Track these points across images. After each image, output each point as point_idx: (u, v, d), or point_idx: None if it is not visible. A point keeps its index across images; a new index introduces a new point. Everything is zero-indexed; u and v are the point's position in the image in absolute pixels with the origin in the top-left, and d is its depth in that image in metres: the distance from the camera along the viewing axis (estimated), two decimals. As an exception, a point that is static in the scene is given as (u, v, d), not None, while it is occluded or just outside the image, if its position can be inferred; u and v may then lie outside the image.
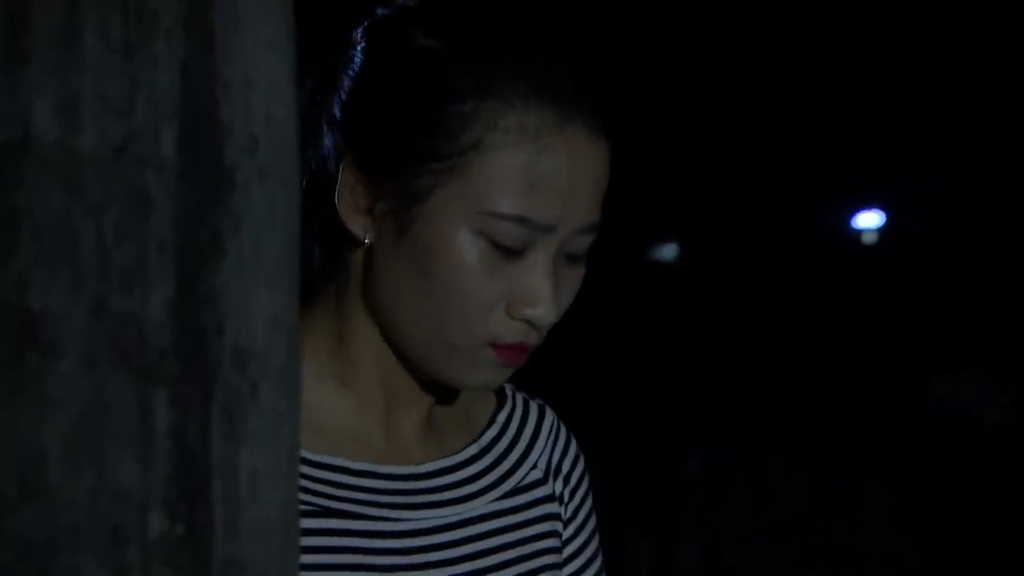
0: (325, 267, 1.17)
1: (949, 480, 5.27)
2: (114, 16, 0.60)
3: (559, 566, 1.24)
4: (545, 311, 1.09)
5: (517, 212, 1.07)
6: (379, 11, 1.15)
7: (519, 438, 1.26)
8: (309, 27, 1.11)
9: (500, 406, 1.27)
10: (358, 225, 1.11)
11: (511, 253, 1.08)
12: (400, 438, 1.18)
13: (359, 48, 1.13)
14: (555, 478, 1.26)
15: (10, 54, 0.58)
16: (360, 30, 1.14)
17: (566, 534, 1.26)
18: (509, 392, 1.29)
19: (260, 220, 0.66)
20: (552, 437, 1.27)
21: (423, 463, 1.18)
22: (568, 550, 1.26)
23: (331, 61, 1.14)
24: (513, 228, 1.07)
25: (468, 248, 1.07)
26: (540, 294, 1.09)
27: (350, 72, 1.13)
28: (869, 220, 10.94)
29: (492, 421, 1.25)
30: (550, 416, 1.29)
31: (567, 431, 1.30)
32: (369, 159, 1.10)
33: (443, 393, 1.20)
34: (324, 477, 1.12)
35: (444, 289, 1.08)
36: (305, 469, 1.11)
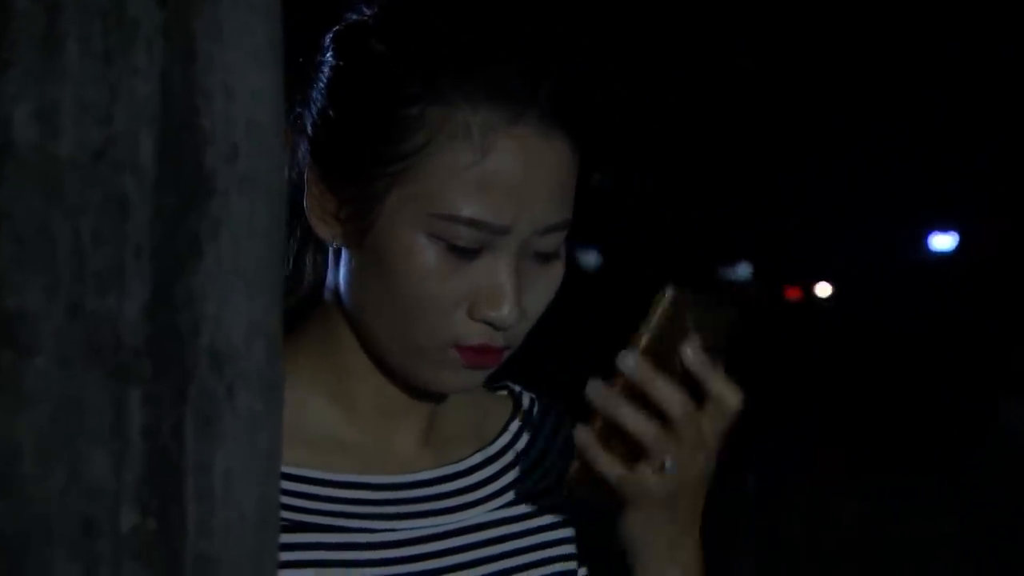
0: (316, 274, 1.18)
1: (1013, 507, 5.20)
2: (94, 24, 0.62)
3: (574, 574, 1.23)
4: (506, 312, 1.08)
5: (468, 214, 1.07)
6: (344, 18, 1.15)
7: (532, 446, 1.25)
8: (302, 39, 1.13)
9: (514, 415, 1.27)
10: (327, 231, 1.13)
11: (468, 254, 1.08)
12: (397, 447, 1.18)
13: (327, 55, 1.15)
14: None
15: (-9, 61, 0.60)
16: (328, 37, 1.15)
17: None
18: (526, 400, 1.29)
19: (240, 226, 0.67)
20: (569, 444, 1.27)
21: (420, 471, 1.18)
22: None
23: (303, 68, 1.15)
24: (466, 230, 1.07)
25: (424, 250, 1.08)
26: (499, 295, 1.08)
27: (319, 82, 1.14)
28: (943, 242, 10.82)
29: (504, 429, 1.25)
30: (568, 425, 1.27)
31: None
32: (331, 166, 1.12)
33: (449, 401, 1.21)
34: (298, 490, 1.12)
35: (404, 292, 1.08)
36: (284, 484, 1.08)
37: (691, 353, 1.08)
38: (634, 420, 1.07)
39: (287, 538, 1.09)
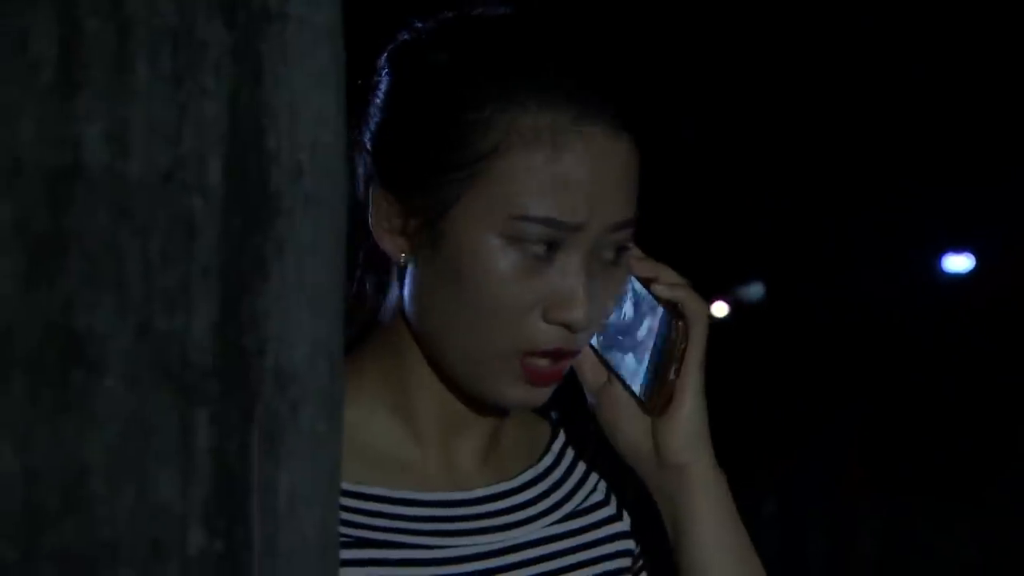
0: (378, 296, 1.19)
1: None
2: (164, 46, 0.63)
3: None
4: (581, 314, 1.10)
5: (543, 213, 1.08)
6: (399, 36, 1.17)
7: (576, 464, 1.26)
8: (363, 62, 1.14)
9: (555, 435, 1.28)
10: (394, 246, 1.13)
11: (542, 257, 1.09)
12: (458, 464, 1.19)
13: (383, 73, 1.16)
14: (620, 500, 1.27)
15: (63, 82, 0.61)
16: (383, 57, 1.17)
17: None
18: (562, 421, 1.29)
19: (304, 245, 0.67)
20: (607, 463, 1.29)
21: (477, 488, 1.19)
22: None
23: (360, 90, 1.16)
24: (541, 230, 1.08)
25: (499, 254, 1.09)
26: (574, 298, 1.10)
27: (376, 98, 1.15)
28: (959, 263, 10.81)
29: (548, 448, 1.26)
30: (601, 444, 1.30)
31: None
32: (397, 178, 1.12)
33: (503, 419, 1.21)
34: (360, 507, 1.13)
35: (478, 298, 1.09)
36: (345, 501, 1.11)
37: (660, 283, 1.18)
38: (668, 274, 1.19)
39: (349, 554, 1.10)
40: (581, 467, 1.26)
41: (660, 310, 1.18)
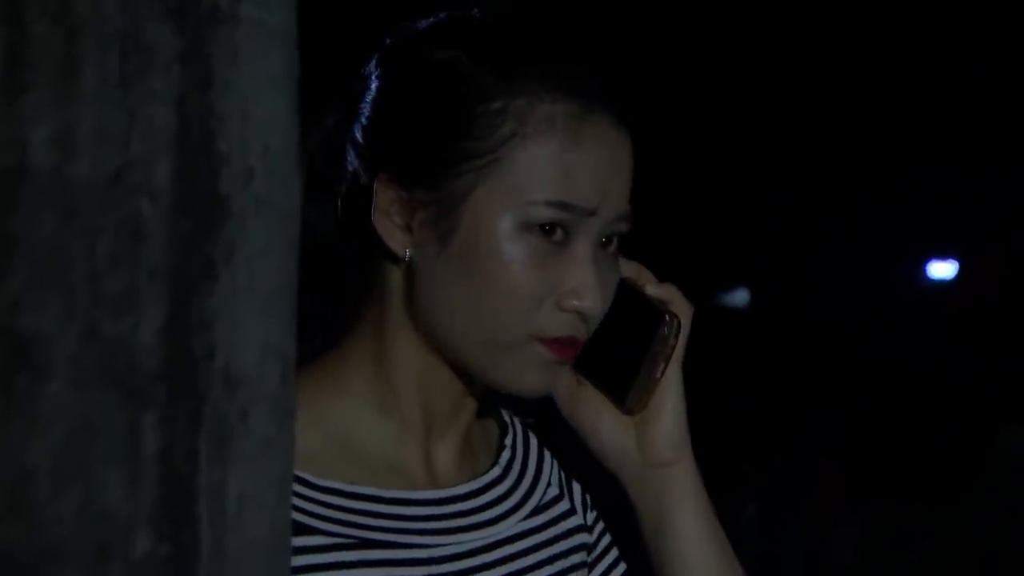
0: (361, 295, 1.19)
1: (1013, 536, 5.19)
2: (112, 49, 0.63)
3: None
4: (592, 302, 1.12)
5: (558, 198, 1.10)
6: (388, 40, 1.19)
7: (528, 458, 1.27)
8: (326, 64, 1.15)
9: (504, 431, 1.29)
10: (397, 242, 1.14)
11: (556, 244, 1.11)
12: (438, 462, 1.20)
13: (375, 74, 1.17)
14: (571, 496, 1.29)
15: (9, 84, 0.60)
16: (374, 58, 1.18)
17: (594, 553, 1.28)
18: (507, 417, 1.30)
19: (255, 249, 0.67)
20: (551, 456, 1.30)
21: (455, 486, 1.19)
22: (599, 568, 1.28)
23: (348, 91, 1.17)
24: (555, 214, 1.11)
25: (514, 241, 1.11)
26: (587, 285, 1.12)
27: (368, 97, 1.16)
28: (942, 269, 10.84)
29: (503, 444, 1.27)
30: (534, 439, 1.31)
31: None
32: (404, 173, 1.13)
33: (475, 415, 1.22)
34: (359, 508, 1.13)
35: (493, 285, 1.11)
36: (340, 501, 1.12)
37: (648, 283, 1.21)
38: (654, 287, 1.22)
39: (355, 555, 1.11)
40: (533, 461, 1.28)
41: (645, 308, 1.20)
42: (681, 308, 1.21)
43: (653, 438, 1.21)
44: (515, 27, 1.16)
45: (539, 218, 1.10)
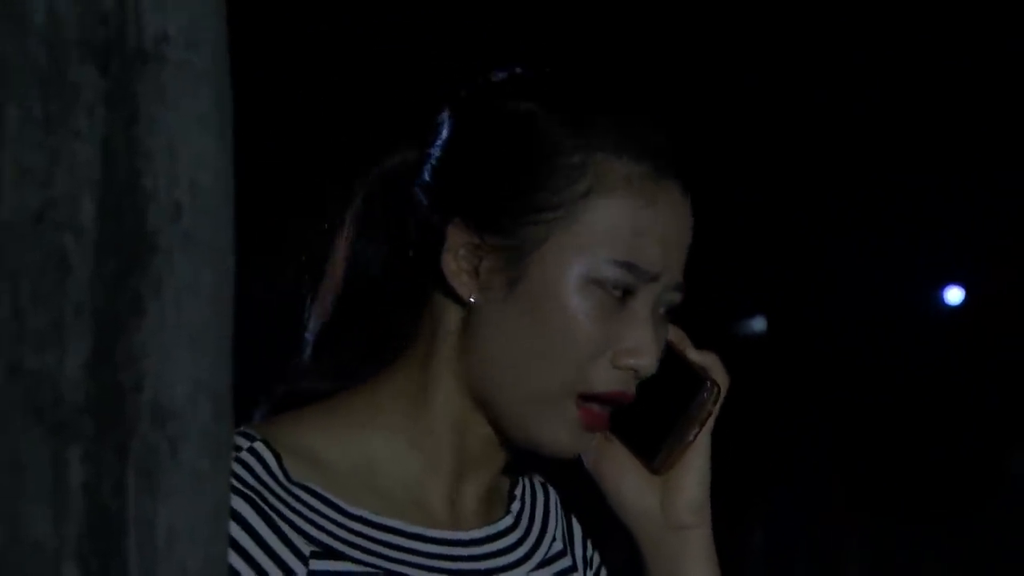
0: (410, 331, 1.20)
1: (1022, 558, 5.15)
2: (34, 90, 0.64)
3: None
4: (649, 361, 1.14)
5: (627, 258, 1.13)
6: (462, 91, 1.22)
7: (535, 512, 1.29)
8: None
9: (515, 482, 1.30)
10: (463, 284, 1.16)
11: (617, 302, 1.13)
12: (460, 504, 1.21)
13: (447, 122, 1.20)
14: (573, 553, 1.30)
15: (-69, 126, 0.62)
16: (447, 107, 1.21)
17: None
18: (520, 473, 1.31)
19: (183, 284, 0.68)
20: (560, 513, 1.31)
21: (473, 529, 1.20)
22: None
23: (419, 137, 1.21)
24: (623, 274, 1.13)
25: (580, 295, 1.13)
26: (644, 344, 1.14)
27: (439, 143, 1.19)
28: (951, 295, 10.81)
29: (513, 495, 1.28)
30: (553, 494, 1.32)
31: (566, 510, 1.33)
32: (477, 219, 1.15)
33: (503, 465, 1.23)
34: (384, 539, 1.15)
35: (554, 334, 1.13)
36: (368, 530, 1.14)
37: (689, 348, 1.22)
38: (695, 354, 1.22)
39: None
40: (540, 514, 1.29)
41: (685, 373, 1.22)
42: (721, 377, 1.23)
43: (676, 501, 1.22)
44: (590, 84, 1.19)
45: (605, 276, 1.12)
